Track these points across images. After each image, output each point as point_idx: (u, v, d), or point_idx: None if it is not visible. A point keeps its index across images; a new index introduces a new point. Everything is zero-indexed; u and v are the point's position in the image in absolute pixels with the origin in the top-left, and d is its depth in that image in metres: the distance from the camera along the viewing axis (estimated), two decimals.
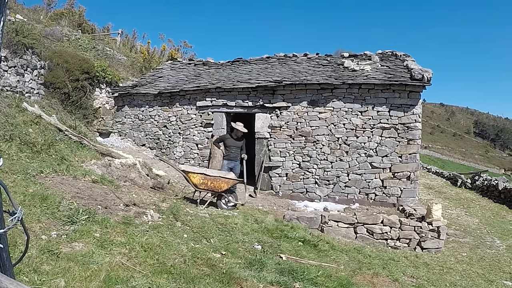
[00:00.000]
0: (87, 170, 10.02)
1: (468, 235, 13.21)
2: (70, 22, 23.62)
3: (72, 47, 18.21)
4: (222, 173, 11.66)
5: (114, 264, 5.13)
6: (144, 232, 6.66)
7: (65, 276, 4.52)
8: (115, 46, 24.35)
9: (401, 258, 9.93)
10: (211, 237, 7.60)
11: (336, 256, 8.80)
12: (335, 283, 6.74)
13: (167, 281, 5.07)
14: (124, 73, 19.98)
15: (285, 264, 7.02)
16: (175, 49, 29.15)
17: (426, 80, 12.66)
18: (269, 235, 8.91)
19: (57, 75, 15.25)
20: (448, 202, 18.82)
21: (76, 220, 6.18)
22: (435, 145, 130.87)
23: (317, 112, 13.87)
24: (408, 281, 8.31)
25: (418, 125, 13.01)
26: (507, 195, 19.86)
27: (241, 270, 6.14)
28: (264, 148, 14.44)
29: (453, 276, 9.24)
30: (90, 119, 16.78)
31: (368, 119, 13.38)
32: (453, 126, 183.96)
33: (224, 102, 15.06)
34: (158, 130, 16.38)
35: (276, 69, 16.23)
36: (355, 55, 16.42)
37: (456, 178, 25.97)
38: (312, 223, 11.24)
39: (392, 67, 14.51)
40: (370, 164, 13.36)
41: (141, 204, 8.51)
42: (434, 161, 73.46)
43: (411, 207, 12.43)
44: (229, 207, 11.07)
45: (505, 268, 10.32)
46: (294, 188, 14.09)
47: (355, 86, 13.47)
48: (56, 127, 11.98)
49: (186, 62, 19.94)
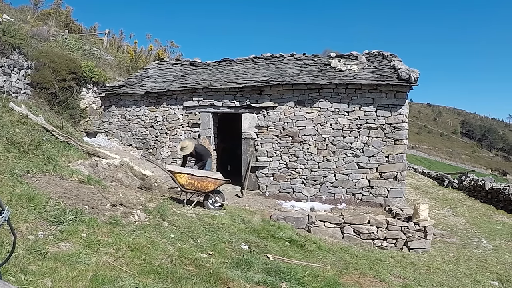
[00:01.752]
0: (74, 170, 10.00)
1: (455, 235, 13.26)
2: (57, 22, 23.55)
3: (59, 47, 18.17)
4: (209, 174, 11.61)
5: (101, 264, 5.12)
6: (131, 232, 6.66)
7: (52, 276, 4.52)
8: (102, 46, 24.27)
9: (388, 258, 9.96)
10: (198, 237, 7.60)
11: (323, 256, 8.82)
12: (322, 283, 6.75)
13: (154, 281, 5.07)
14: (111, 73, 19.92)
15: (272, 264, 7.02)
16: (162, 49, 29.11)
17: (413, 80, 12.72)
18: (256, 235, 8.91)
19: (44, 75, 15.23)
20: (435, 202, 18.89)
21: (63, 220, 6.17)
22: (422, 145, 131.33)
23: (304, 112, 13.91)
24: (395, 281, 8.34)
25: (405, 125, 13.07)
26: (494, 195, 19.92)
27: (228, 270, 6.14)
28: (251, 148, 14.46)
29: (440, 276, 9.28)
30: (77, 119, 16.76)
31: (355, 119, 13.42)
32: (440, 126, 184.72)
33: (211, 102, 15.07)
34: (145, 130, 16.38)
35: (263, 69, 16.26)
36: (342, 55, 16.45)
37: (443, 178, 26.04)
38: (299, 223, 11.26)
39: (379, 67, 14.56)
40: (357, 164, 13.41)
41: (128, 204, 8.51)
42: (421, 161, 73.76)
43: (398, 207, 12.49)
44: (216, 207, 11.05)
45: (492, 268, 10.35)
46: (281, 188, 14.12)
47: (342, 86, 13.52)
48: (43, 127, 11.94)
49: (173, 62, 19.95)
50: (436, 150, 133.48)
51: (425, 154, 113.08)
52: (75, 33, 23.79)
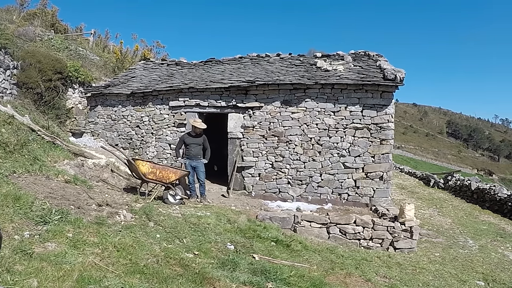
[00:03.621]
0: (60, 170, 10.02)
1: (441, 235, 13.32)
2: (43, 22, 23.42)
3: (45, 47, 18.14)
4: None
5: (87, 264, 5.13)
6: (117, 232, 6.67)
7: (38, 276, 4.52)
8: (88, 46, 24.12)
9: (374, 258, 9.98)
10: (184, 237, 7.61)
11: (309, 256, 8.84)
12: (308, 283, 6.76)
13: (140, 281, 5.07)
14: (97, 73, 19.84)
15: (258, 264, 7.03)
16: (148, 49, 29.01)
17: (398, 80, 12.75)
18: (242, 235, 8.92)
19: (30, 75, 15.19)
20: (421, 202, 18.98)
21: (49, 220, 6.17)
22: (408, 145, 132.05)
23: (290, 112, 13.92)
24: (381, 281, 8.37)
25: (391, 125, 13.10)
26: (480, 195, 20.03)
27: (214, 270, 6.15)
28: (237, 148, 14.45)
29: (426, 276, 9.32)
30: (63, 119, 16.72)
31: (341, 119, 13.44)
32: (426, 126, 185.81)
33: (197, 102, 15.04)
34: (131, 130, 16.34)
35: (249, 69, 16.28)
36: (328, 55, 16.47)
37: (429, 178, 26.17)
38: (285, 223, 11.27)
39: (365, 67, 14.59)
40: (343, 164, 13.42)
41: (114, 204, 8.52)
42: (407, 161, 74.10)
43: (384, 207, 12.53)
44: (177, 200, 10.99)
45: (477, 268, 10.42)
46: (267, 188, 14.12)
47: (328, 86, 13.52)
48: (29, 127, 11.90)
49: (159, 62, 19.97)
50: (422, 150, 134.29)
51: (411, 154, 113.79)
52: (61, 33, 23.68)
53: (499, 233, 14.34)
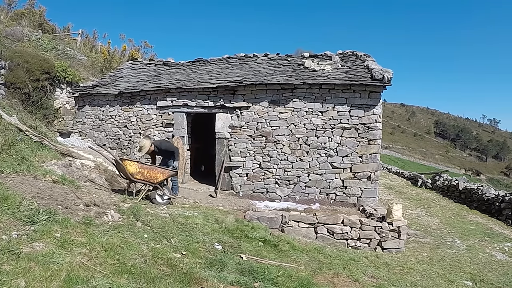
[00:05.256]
0: (47, 170, 9.98)
1: (429, 235, 13.39)
2: (31, 22, 23.46)
3: (32, 47, 18.12)
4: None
5: (75, 264, 5.10)
6: (105, 232, 6.64)
7: (26, 276, 4.50)
8: (76, 46, 24.15)
9: (362, 258, 10.02)
10: (172, 237, 7.60)
11: (296, 256, 8.84)
12: (295, 283, 6.78)
13: (127, 281, 5.06)
14: (84, 73, 19.85)
15: (245, 264, 7.04)
16: (135, 49, 29.06)
17: (386, 80, 12.79)
18: (230, 235, 8.92)
19: (18, 75, 15.15)
20: (409, 202, 19.07)
21: (37, 220, 6.13)
22: (395, 145, 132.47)
23: (277, 112, 13.95)
24: (368, 281, 8.39)
25: (378, 125, 13.15)
26: (468, 195, 20.13)
27: (202, 270, 6.15)
28: (225, 148, 14.47)
29: (414, 276, 9.37)
30: (51, 119, 16.68)
31: (328, 119, 13.47)
32: (413, 126, 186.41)
33: (185, 102, 15.05)
34: (118, 130, 16.33)
35: (236, 69, 16.28)
36: (316, 55, 16.51)
37: (417, 178, 26.30)
38: (272, 223, 11.31)
39: (353, 67, 14.62)
40: (330, 164, 13.46)
41: (102, 204, 8.48)
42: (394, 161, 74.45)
43: (372, 207, 12.59)
44: (164, 200, 10.98)
45: (465, 268, 10.49)
46: (255, 188, 14.15)
47: (316, 86, 13.55)
48: (17, 127, 11.84)
49: (147, 62, 19.96)
50: (410, 150, 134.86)
51: (398, 154, 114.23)
52: (49, 33, 23.70)
53: (486, 233, 14.42)
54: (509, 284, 9.74)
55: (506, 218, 16.87)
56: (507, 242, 13.47)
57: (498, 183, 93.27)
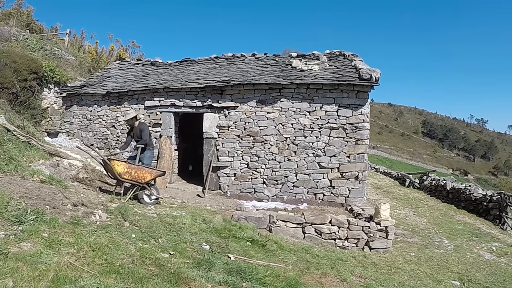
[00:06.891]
0: (35, 170, 9.93)
1: (417, 235, 13.41)
2: (18, 22, 23.43)
3: (20, 47, 18.11)
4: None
5: (63, 264, 5.06)
6: (92, 232, 6.59)
7: (13, 276, 4.45)
8: (63, 46, 24.08)
9: (349, 258, 10.00)
10: (159, 237, 7.55)
11: (284, 256, 8.82)
12: (283, 283, 6.75)
13: (115, 281, 5.01)
14: (72, 73, 19.82)
15: (233, 264, 7.00)
16: (123, 49, 29.12)
17: (374, 80, 12.79)
18: (217, 235, 8.89)
19: (5, 75, 15.07)
20: (396, 202, 19.13)
21: (25, 220, 6.09)
22: (383, 145, 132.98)
23: (265, 112, 13.93)
24: (356, 281, 8.35)
25: (366, 125, 13.15)
26: (455, 195, 20.29)
27: (189, 270, 6.10)
28: (212, 148, 14.44)
29: (401, 276, 9.36)
30: (38, 119, 16.61)
31: (316, 119, 13.46)
32: (401, 126, 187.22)
33: (173, 102, 15.01)
34: (106, 130, 16.29)
35: (224, 69, 16.26)
36: (303, 55, 16.53)
37: (404, 178, 26.45)
38: (260, 223, 11.29)
39: (340, 67, 14.63)
40: (318, 164, 13.45)
41: (89, 204, 8.43)
42: (382, 161, 74.84)
43: (359, 207, 12.56)
44: (152, 200, 10.95)
45: (453, 268, 10.51)
46: (243, 188, 14.14)
47: (303, 86, 13.54)
48: (4, 127, 11.77)
49: (134, 62, 19.94)
50: (398, 150, 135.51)
51: (386, 154, 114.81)
52: (37, 33, 23.64)
53: (474, 233, 14.50)
54: (497, 284, 9.77)
55: (493, 218, 17.02)
56: (495, 242, 13.56)
57: (486, 183, 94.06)
